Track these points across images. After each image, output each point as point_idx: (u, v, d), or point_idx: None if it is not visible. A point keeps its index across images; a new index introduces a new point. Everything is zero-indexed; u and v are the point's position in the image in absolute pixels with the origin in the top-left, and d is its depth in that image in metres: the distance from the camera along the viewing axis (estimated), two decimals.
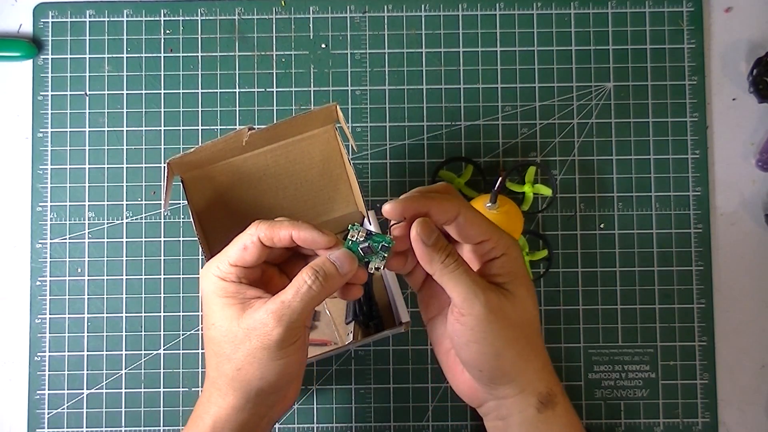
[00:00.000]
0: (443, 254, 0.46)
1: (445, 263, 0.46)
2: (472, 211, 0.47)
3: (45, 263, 0.67)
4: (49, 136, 0.68)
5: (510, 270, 0.48)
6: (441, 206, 0.46)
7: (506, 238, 0.48)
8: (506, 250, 0.47)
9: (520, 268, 0.48)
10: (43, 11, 0.69)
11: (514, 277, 0.48)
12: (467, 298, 0.46)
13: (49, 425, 0.66)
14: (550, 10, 0.70)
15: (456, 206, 0.46)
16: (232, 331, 0.47)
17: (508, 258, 0.48)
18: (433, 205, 0.46)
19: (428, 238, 0.46)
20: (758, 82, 0.67)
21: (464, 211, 0.46)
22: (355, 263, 0.47)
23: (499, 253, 0.47)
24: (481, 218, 0.47)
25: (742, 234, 0.68)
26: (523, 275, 0.48)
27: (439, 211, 0.46)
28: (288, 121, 0.57)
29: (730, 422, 0.67)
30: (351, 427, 0.67)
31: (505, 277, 0.48)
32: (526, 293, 0.48)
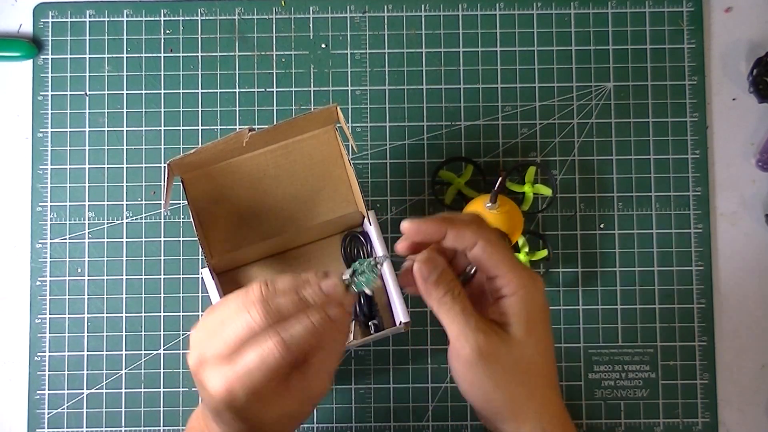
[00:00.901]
0: (441, 291, 0.45)
1: (441, 300, 0.45)
2: (492, 245, 0.45)
3: (45, 263, 0.67)
4: (49, 136, 0.68)
5: (516, 311, 0.46)
6: (458, 233, 0.45)
7: (522, 278, 0.46)
8: (518, 291, 0.46)
9: (531, 312, 0.46)
10: (43, 11, 0.69)
11: (519, 319, 0.46)
12: (459, 339, 0.45)
13: (49, 425, 0.66)
14: (550, 10, 0.70)
15: (474, 236, 0.45)
16: None
17: (517, 299, 0.46)
18: (450, 230, 0.45)
19: (427, 275, 0.45)
20: (758, 82, 0.67)
21: (482, 243, 0.45)
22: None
23: (509, 292, 0.46)
24: (499, 253, 0.45)
25: (742, 234, 0.68)
26: (533, 321, 0.46)
27: (455, 237, 0.45)
28: (288, 122, 0.57)
29: (730, 422, 0.67)
30: (351, 427, 0.67)
31: (507, 317, 0.46)
32: (528, 339, 0.46)
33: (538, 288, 0.46)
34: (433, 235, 0.46)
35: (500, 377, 0.46)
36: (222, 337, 0.43)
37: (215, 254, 0.62)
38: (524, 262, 0.66)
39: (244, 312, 0.43)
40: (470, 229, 0.45)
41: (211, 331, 0.44)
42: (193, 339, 0.45)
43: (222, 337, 0.43)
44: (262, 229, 0.63)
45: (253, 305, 0.43)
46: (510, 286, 0.46)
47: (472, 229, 0.45)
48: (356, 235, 0.64)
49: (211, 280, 0.59)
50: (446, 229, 0.45)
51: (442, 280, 0.45)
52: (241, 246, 0.62)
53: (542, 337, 0.47)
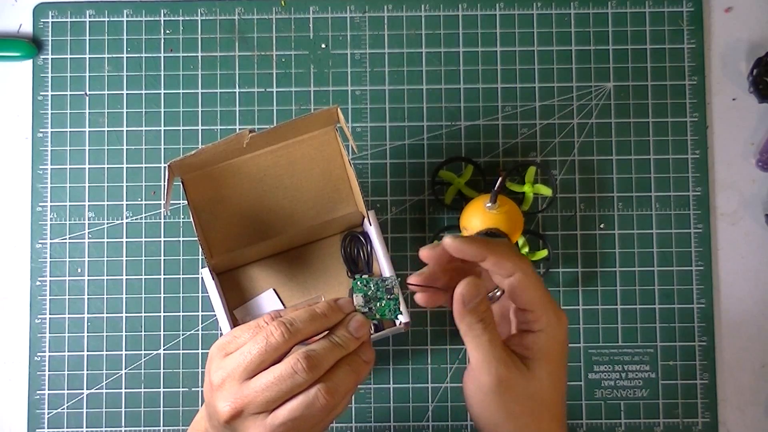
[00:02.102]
0: (476, 318, 0.45)
1: (473, 326, 0.46)
2: (529, 278, 0.45)
3: (45, 263, 0.67)
4: (49, 136, 0.68)
5: (540, 348, 0.46)
6: (498, 260, 0.45)
7: (551, 315, 0.46)
8: (545, 328, 0.46)
9: (553, 350, 0.46)
10: (43, 11, 0.69)
11: (542, 356, 0.46)
12: (481, 366, 0.46)
13: (49, 425, 0.66)
14: (550, 10, 0.70)
15: (514, 267, 0.45)
16: None
17: (543, 336, 0.46)
18: (491, 256, 0.45)
19: (468, 302, 0.45)
20: (758, 82, 0.67)
21: (520, 275, 0.45)
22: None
23: (536, 327, 0.46)
24: (535, 287, 0.46)
25: (742, 234, 0.68)
26: (554, 358, 0.47)
27: (494, 263, 0.45)
28: (289, 123, 0.57)
29: (730, 422, 0.67)
30: (351, 427, 0.67)
31: (531, 352, 0.46)
32: (546, 375, 0.46)
33: (562, 326, 0.47)
34: (473, 257, 0.45)
35: (513, 408, 0.47)
36: (262, 391, 0.44)
37: (215, 254, 0.62)
38: None
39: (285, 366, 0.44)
40: (511, 260, 0.45)
41: (239, 377, 0.44)
42: (219, 386, 0.45)
43: (262, 390, 0.44)
44: (262, 229, 0.63)
45: (295, 359, 0.44)
46: (539, 322, 0.46)
47: (512, 259, 0.45)
48: (356, 235, 0.64)
49: (211, 280, 0.60)
50: (486, 253, 0.45)
51: (479, 307, 0.46)
52: (241, 246, 0.62)
53: (558, 375, 0.47)
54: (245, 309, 0.64)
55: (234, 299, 0.64)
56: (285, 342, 0.44)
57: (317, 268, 0.65)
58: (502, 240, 0.47)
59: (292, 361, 0.43)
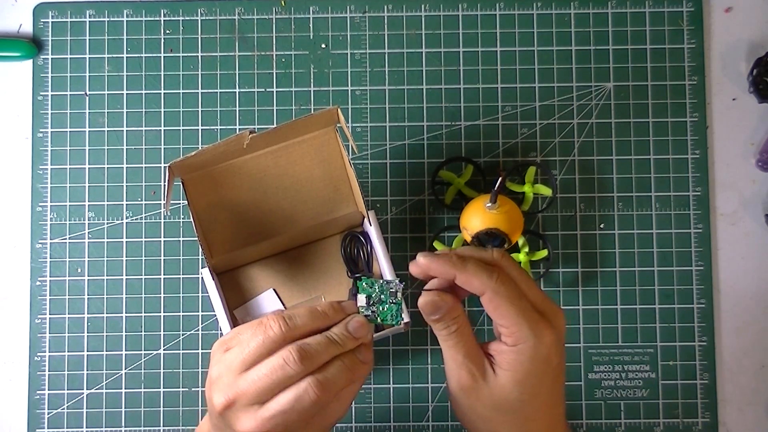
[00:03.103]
0: (440, 327, 0.47)
1: (439, 333, 0.47)
2: (499, 297, 0.45)
3: (45, 263, 0.67)
4: (49, 136, 0.68)
5: (508, 362, 0.46)
6: (466, 279, 0.45)
7: (526, 333, 0.45)
8: (517, 344, 0.45)
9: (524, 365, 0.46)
10: (43, 11, 0.69)
11: (510, 368, 0.46)
12: (448, 369, 0.48)
13: (49, 425, 0.66)
14: (550, 10, 0.70)
15: (482, 287, 0.45)
16: None
17: (513, 351, 0.46)
18: (459, 275, 0.45)
19: (429, 314, 0.47)
20: (758, 82, 0.67)
21: (489, 295, 0.45)
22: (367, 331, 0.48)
23: (508, 342, 0.46)
24: (505, 306, 0.45)
25: (742, 234, 0.68)
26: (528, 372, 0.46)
27: (464, 282, 0.45)
28: (289, 123, 0.57)
29: (730, 422, 0.67)
30: (351, 427, 0.67)
31: (500, 363, 0.47)
32: (512, 387, 0.46)
33: (544, 343, 0.46)
34: (441, 275, 0.46)
35: (482, 412, 0.48)
36: (254, 382, 0.44)
37: (215, 254, 0.62)
38: (524, 262, 0.66)
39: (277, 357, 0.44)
40: (478, 278, 0.45)
41: (235, 370, 0.45)
42: (217, 378, 0.45)
43: (254, 381, 0.44)
44: (262, 229, 0.63)
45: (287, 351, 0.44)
46: (510, 338, 0.46)
47: (480, 277, 0.45)
48: (356, 235, 0.64)
49: (211, 280, 0.60)
50: (454, 273, 0.45)
51: (442, 319, 0.47)
52: (241, 246, 0.62)
53: (538, 389, 0.47)
54: (245, 309, 0.64)
55: (234, 299, 0.64)
56: (282, 336, 0.44)
57: (317, 268, 0.65)
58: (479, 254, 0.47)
59: (284, 352, 0.44)
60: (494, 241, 0.62)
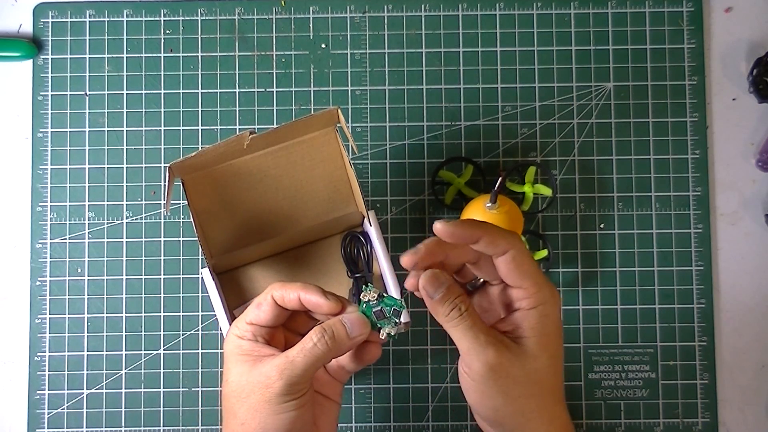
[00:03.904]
0: (447, 308, 0.46)
1: (450, 316, 0.46)
2: (522, 255, 0.45)
3: (45, 263, 0.67)
4: (49, 136, 0.68)
5: (533, 326, 0.46)
6: (492, 239, 0.45)
7: (543, 293, 0.46)
8: (538, 305, 0.46)
9: (547, 326, 0.46)
10: (43, 11, 0.69)
11: (536, 333, 0.46)
12: (470, 353, 0.46)
13: (49, 425, 0.66)
14: (550, 10, 0.70)
15: (507, 245, 0.45)
16: (241, 385, 0.48)
17: (535, 313, 0.46)
18: (484, 236, 0.45)
19: (433, 293, 0.46)
20: (758, 82, 0.67)
21: (514, 252, 0.45)
22: (367, 328, 0.48)
23: (528, 305, 0.46)
24: (528, 265, 0.45)
25: (742, 234, 0.68)
26: (548, 334, 0.46)
27: (487, 243, 0.45)
28: (289, 124, 0.57)
29: (730, 422, 0.67)
30: (351, 427, 0.67)
31: (525, 331, 0.46)
32: (542, 353, 0.46)
33: (555, 304, 0.46)
34: (465, 239, 0.45)
35: (511, 390, 0.46)
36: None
37: (215, 254, 0.62)
38: None
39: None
40: (504, 238, 0.45)
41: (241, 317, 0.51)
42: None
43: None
44: (262, 229, 0.63)
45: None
46: (531, 299, 0.46)
47: (506, 237, 0.45)
48: (356, 235, 0.64)
49: (211, 280, 0.60)
50: (480, 234, 0.45)
51: (447, 297, 0.46)
52: (241, 246, 0.62)
53: (555, 353, 0.47)
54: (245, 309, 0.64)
55: (234, 299, 0.64)
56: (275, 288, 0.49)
57: (317, 268, 0.65)
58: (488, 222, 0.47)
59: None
60: None
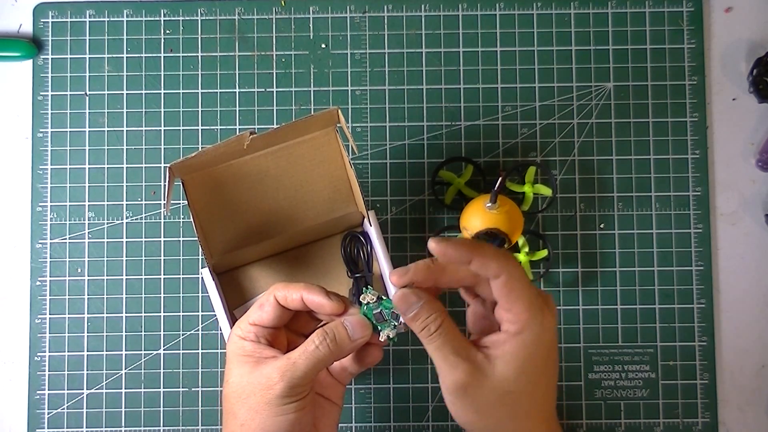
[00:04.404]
0: (419, 326, 0.46)
1: (423, 333, 0.46)
2: (515, 280, 0.45)
3: (45, 263, 0.67)
4: (49, 136, 0.68)
5: (510, 351, 0.46)
6: (484, 261, 0.45)
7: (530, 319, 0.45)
8: (522, 331, 0.45)
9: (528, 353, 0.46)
10: (43, 11, 0.69)
11: (512, 358, 0.45)
12: (441, 370, 0.46)
13: (49, 425, 0.66)
14: (550, 10, 0.70)
15: (499, 268, 0.45)
16: (241, 386, 0.48)
17: (516, 339, 0.45)
18: (477, 257, 0.45)
19: (404, 312, 0.47)
20: (758, 82, 0.67)
21: (506, 277, 0.45)
22: (369, 330, 0.48)
23: (512, 330, 0.46)
24: (519, 291, 0.45)
25: (742, 234, 0.68)
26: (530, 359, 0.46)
27: (480, 264, 0.45)
28: (289, 125, 0.57)
29: (730, 422, 0.67)
30: (351, 427, 0.67)
31: (503, 353, 0.46)
32: (516, 376, 0.46)
33: (546, 328, 0.46)
34: (458, 260, 0.45)
35: (483, 408, 0.46)
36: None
37: (215, 254, 0.62)
38: (524, 262, 0.66)
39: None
40: (497, 261, 0.45)
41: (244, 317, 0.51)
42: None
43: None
44: (262, 229, 0.63)
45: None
46: (517, 325, 0.45)
47: (498, 260, 0.45)
48: (356, 235, 0.64)
49: (211, 280, 0.60)
50: (472, 255, 0.45)
51: (418, 316, 0.46)
52: (241, 246, 0.62)
53: (539, 378, 0.47)
54: (245, 309, 0.64)
55: (234, 299, 0.64)
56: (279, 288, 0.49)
57: (317, 268, 0.65)
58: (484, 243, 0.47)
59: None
60: (494, 241, 0.62)
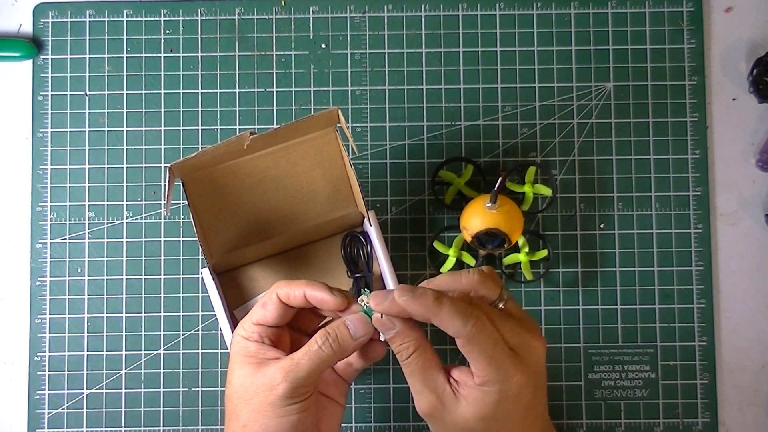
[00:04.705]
0: (396, 348, 0.48)
1: (398, 356, 0.48)
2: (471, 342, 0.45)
3: (45, 263, 0.67)
4: (49, 136, 0.68)
5: (474, 398, 0.46)
6: (443, 323, 0.45)
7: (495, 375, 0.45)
8: (484, 385, 0.46)
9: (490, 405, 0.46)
10: (43, 11, 0.69)
11: (475, 405, 0.46)
12: (413, 392, 0.49)
13: (49, 425, 0.66)
14: (550, 10, 0.70)
15: (455, 332, 0.45)
16: (244, 386, 0.48)
17: (480, 391, 0.46)
18: (434, 318, 0.45)
19: (383, 333, 0.48)
20: (758, 82, 0.67)
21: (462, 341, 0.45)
22: (370, 328, 0.48)
23: (478, 383, 0.46)
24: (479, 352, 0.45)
25: (742, 234, 0.68)
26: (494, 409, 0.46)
27: (440, 325, 0.45)
28: (289, 125, 0.57)
29: (730, 422, 0.67)
30: (351, 428, 0.67)
31: (467, 398, 0.46)
32: (475, 420, 0.46)
33: (513, 386, 0.45)
34: (418, 317, 0.46)
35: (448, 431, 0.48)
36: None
37: (215, 254, 0.62)
38: (524, 262, 0.66)
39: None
40: (453, 325, 0.45)
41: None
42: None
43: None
44: (262, 229, 0.63)
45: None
46: (478, 378, 0.46)
47: (455, 325, 0.45)
48: (356, 235, 0.64)
49: (211, 280, 0.60)
50: (431, 315, 0.45)
51: (394, 341, 0.48)
52: (241, 246, 0.62)
53: (503, 424, 0.47)
54: (245, 309, 0.64)
55: (234, 299, 0.64)
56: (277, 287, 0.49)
57: (317, 268, 0.65)
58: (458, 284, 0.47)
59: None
60: (494, 241, 0.62)
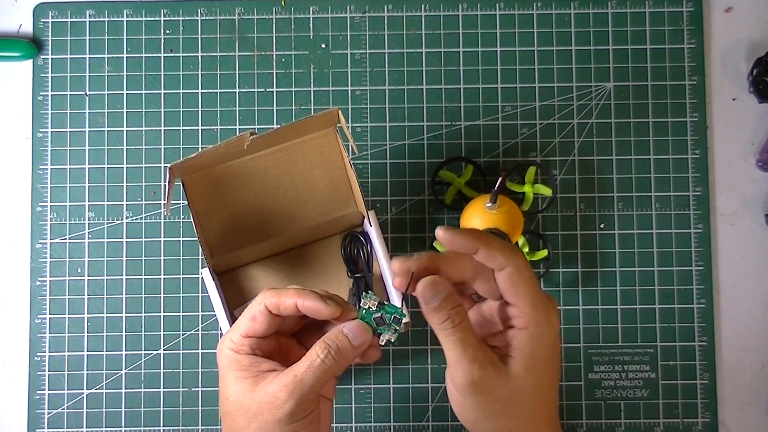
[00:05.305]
0: (442, 317, 0.45)
1: (443, 326, 0.45)
2: (520, 273, 0.45)
3: (45, 263, 0.67)
4: (49, 136, 0.68)
5: (520, 347, 0.45)
6: (491, 252, 0.45)
7: (537, 314, 0.45)
8: (528, 326, 0.45)
9: (536, 348, 0.45)
10: (43, 11, 0.69)
11: (523, 354, 0.45)
12: (455, 366, 0.45)
13: (49, 425, 0.66)
14: (550, 10, 0.70)
15: (505, 260, 0.45)
16: (245, 404, 0.47)
17: (525, 334, 0.45)
18: (483, 248, 0.45)
19: (430, 301, 0.45)
20: (758, 82, 0.67)
21: (511, 269, 0.45)
22: (369, 335, 0.48)
23: (519, 324, 0.46)
24: (524, 285, 0.45)
25: (742, 234, 0.68)
26: (537, 357, 0.46)
27: (486, 255, 0.45)
28: (290, 125, 0.57)
29: (730, 422, 0.67)
30: (351, 427, 0.67)
31: (511, 350, 0.46)
32: (526, 374, 0.45)
33: (551, 326, 0.46)
34: (465, 249, 0.45)
35: (490, 408, 0.46)
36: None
37: (215, 254, 0.62)
38: None
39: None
40: (503, 253, 0.45)
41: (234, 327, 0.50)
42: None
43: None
44: (262, 229, 0.63)
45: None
46: (522, 319, 0.45)
47: (505, 252, 0.45)
48: (356, 235, 0.64)
49: (211, 280, 0.60)
50: (479, 245, 0.45)
51: (443, 306, 0.45)
52: (241, 246, 0.62)
53: (543, 376, 0.47)
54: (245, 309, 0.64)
55: (234, 299, 0.64)
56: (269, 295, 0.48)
57: (317, 268, 0.65)
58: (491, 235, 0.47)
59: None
60: None
